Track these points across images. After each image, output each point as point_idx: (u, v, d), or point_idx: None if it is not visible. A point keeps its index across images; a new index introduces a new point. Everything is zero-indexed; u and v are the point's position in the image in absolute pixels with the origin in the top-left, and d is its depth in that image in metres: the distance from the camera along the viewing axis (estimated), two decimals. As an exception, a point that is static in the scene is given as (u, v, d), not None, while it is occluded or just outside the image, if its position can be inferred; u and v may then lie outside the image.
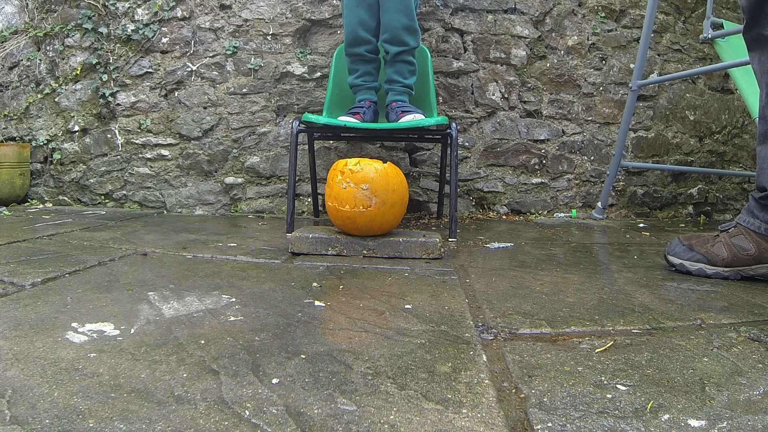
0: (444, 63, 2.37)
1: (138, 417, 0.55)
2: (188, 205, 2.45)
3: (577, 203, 2.49)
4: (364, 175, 1.39)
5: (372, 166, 1.41)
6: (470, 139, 2.41)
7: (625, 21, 2.46)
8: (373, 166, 1.41)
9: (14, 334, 0.79)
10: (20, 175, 2.47)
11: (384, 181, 1.40)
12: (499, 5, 2.38)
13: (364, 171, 1.39)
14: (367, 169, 1.40)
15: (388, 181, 1.41)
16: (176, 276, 1.17)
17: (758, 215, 1.20)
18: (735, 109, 2.61)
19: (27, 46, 2.56)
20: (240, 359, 0.71)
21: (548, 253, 1.54)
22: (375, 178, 1.39)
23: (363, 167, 1.40)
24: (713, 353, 0.76)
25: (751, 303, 1.03)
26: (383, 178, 1.40)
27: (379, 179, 1.39)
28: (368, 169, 1.40)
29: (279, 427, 0.54)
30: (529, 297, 1.05)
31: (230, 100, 2.39)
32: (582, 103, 2.45)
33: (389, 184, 1.41)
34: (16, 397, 0.59)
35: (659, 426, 0.55)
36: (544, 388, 0.64)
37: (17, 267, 1.21)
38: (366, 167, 1.40)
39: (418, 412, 0.58)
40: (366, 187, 1.38)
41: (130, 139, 2.47)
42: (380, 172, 1.40)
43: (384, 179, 1.40)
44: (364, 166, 1.40)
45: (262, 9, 2.36)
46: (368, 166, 1.40)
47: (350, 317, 0.90)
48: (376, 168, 1.40)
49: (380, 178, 1.39)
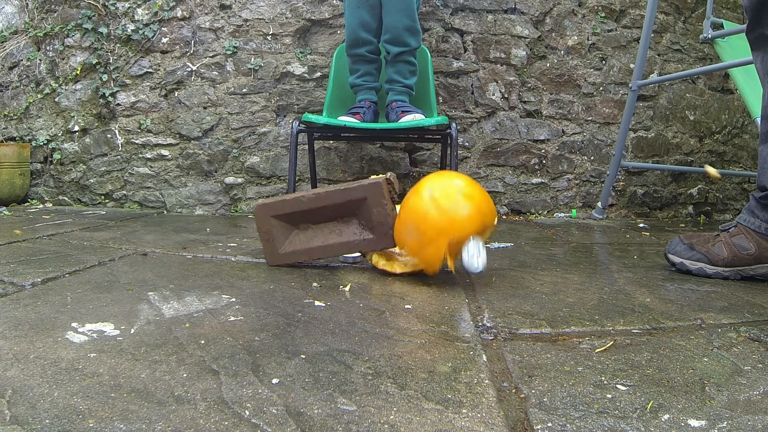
0: (444, 63, 2.37)
1: (138, 417, 0.55)
2: (188, 205, 2.45)
3: (577, 203, 2.49)
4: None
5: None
6: (470, 139, 2.41)
7: (625, 21, 2.46)
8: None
9: (14, 334, 0.79)
10: (20, 175, 2.47)
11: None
12: (499, 5, 2.38)
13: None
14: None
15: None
16: (176, 276, 1.17)
17: (759, 215, 1.20)
18: (735, 109, 2.61)
19: (27, 46, 2.56)
20: (240, 359, 0.71)
21: (548, 253, 1.54)
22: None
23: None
24: (713, 353, 0.76)
25: (751, 303, 1.03)
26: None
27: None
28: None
29: (279, 427, 0.54)
30: (529, 297, 1.05)
31: (230, 100, 2.39)
32: (582, 103, 2.45)
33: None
34: (16, 397, 0.59)
35: (659, 426, 0.55)
36: (544, 388, 0.64)
37: (17, 267, 1.21)
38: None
39: (418, 412, 0.58)
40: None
41: (130, 139, 2.47)
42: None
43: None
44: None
45: (262, 9, 2.36)
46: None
47: (350, 317, 0.90)
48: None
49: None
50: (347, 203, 1.20)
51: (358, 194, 1.18)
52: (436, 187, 1.11)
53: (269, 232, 1.26)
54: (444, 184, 1.13)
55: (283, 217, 1.25)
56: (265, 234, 1.27)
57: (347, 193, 1.19)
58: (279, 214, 1.25)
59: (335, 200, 1.20)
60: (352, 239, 1.22)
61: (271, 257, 1.28)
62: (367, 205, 1.18)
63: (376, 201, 1.17)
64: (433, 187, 1.11)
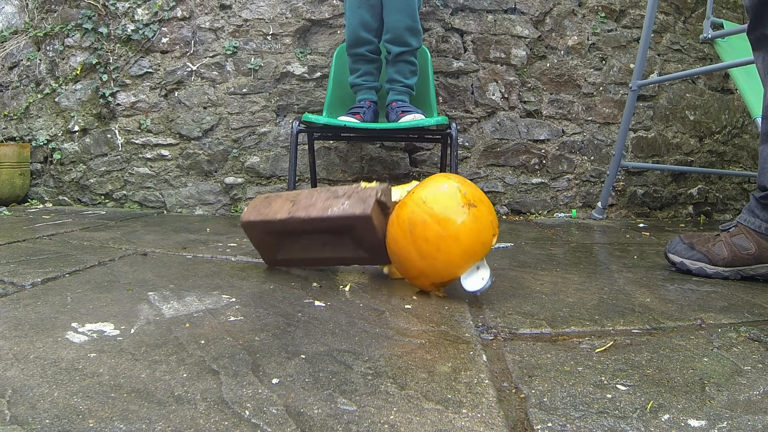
0: (444, 63, 2.37)
1: (138, 417, 0.55)
2: (188, 205, 2.45)
3: (577, 203, 2.49)
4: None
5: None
6: (470, 139, 2.41)
7: (625, 21, 2.46)
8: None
9: (14, 334, 0.79)
10: (20, 175, 2.47)
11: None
12: (499, 5, 2.38)
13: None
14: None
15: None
16: (176, 276, 1.17)
17: (759, 214, 1.20)
18: (735, 109, 2.61)
19: (27, 46, 2.56)
20: (240, 359, 0.71)
21: (548, 253, 1.54)
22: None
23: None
24: (713, 353, 0.76)
25: (751, 303, 1.03)
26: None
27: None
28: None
29: (279, 427, 0.54)
30: (529, 297, 1.05)
31: (230, 100, 2.39)
32: (582, 103, 2.45)
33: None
34: (16, 397, 0.59)
35: (659, 426, 0.55)
36: (544, 388, 0.64)
37: (17, 267, 1.21)
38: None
39: (418, 412, 0.58)
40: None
41: (130, 139, 2.47)
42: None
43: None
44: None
45: (262, 9, 2.36)
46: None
47: (350, 317, 0.90)
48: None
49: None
50: (337, 227, 1.11)
51: (347, 222, 1.08)
52: (418, 221, 0.96)
53: (261, 242, 1.23)
54: (425, 218, 0.95)
55: (272, 232, 1.19)
56: (258, 243, 1.24)
57: (335, 221, 1.08)
58: (266, 231, 1.19)
59: (323, 226, 1.11)
60: (346, 255, 1.16)
61: (268, 260, 1.28)
62: (357, 231, 1.10)
63: (366, 229, 1.07)
64: (414, 221, 0.96)
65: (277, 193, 1.25)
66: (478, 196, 0.98)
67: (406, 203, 1.01)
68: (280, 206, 1.17)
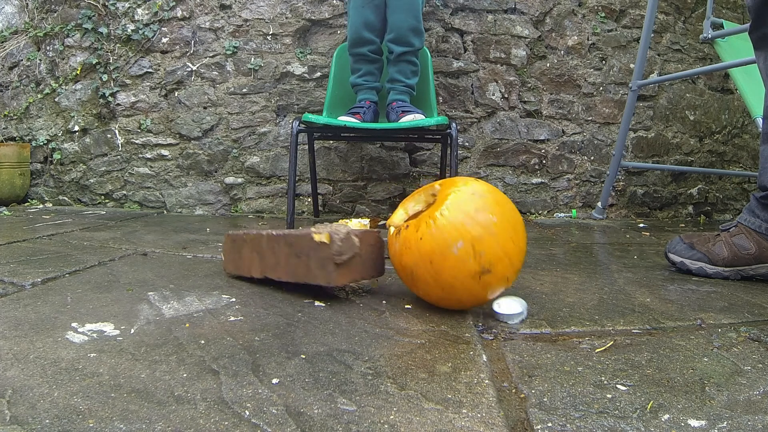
0: (444, 63, 2.37)
1: (138, 417, 0.55)
2: (188, 205, 2.45)
3: (577, 203, 2.49)
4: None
5: None
6: (470, 139, 2.41)
7: (625, 21, 2.46)
8: None
9: (14, 334, 0.79)
10: (20, 175, 2.47)
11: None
12: (499, 5, 2.38)
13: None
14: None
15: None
16: (176, 276, 1.17)
17: (759, 214, 1.20)
18: (735, 109, 2.61)
19: (27, 46, 2.56)
20: (240, 359, 0.71)
21: (548, 253, 1.54)
22: None
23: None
24: (713, 353, 0.76)
25: (751, 303, 1.03)
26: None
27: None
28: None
29: (279, 427, 0.54)
30: (529, 297, 1.05)
31: (230, 100, 2.39)
32: (582, 103, 2.45)
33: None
34: (16, 397, 0.59)
35: (659, 426, 0.55)
36: (544, 388, 0.64)
37: (17, 267, 1.21)
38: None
39: (418, 412, 0.58)
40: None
41: (130, 139, 2.47)
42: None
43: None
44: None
45: (262, 9, 2.36)
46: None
47: (350, 317, 0.90)
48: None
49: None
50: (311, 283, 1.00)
51: (317, 282, 0.96)
52: (438, 264, 0.85)
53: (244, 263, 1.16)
54: (448, 265, 0.85)
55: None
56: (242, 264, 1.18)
57: (307, 278, 0.98)
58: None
59: (294, 280, 1.01)
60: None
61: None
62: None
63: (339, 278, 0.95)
64: (434, 260, 0.86)
65: (241, 235, 1.15)
66: (498, 250, 0.85)
67: (426, 238, 0.88)
68: (250, 260, 1.12)
